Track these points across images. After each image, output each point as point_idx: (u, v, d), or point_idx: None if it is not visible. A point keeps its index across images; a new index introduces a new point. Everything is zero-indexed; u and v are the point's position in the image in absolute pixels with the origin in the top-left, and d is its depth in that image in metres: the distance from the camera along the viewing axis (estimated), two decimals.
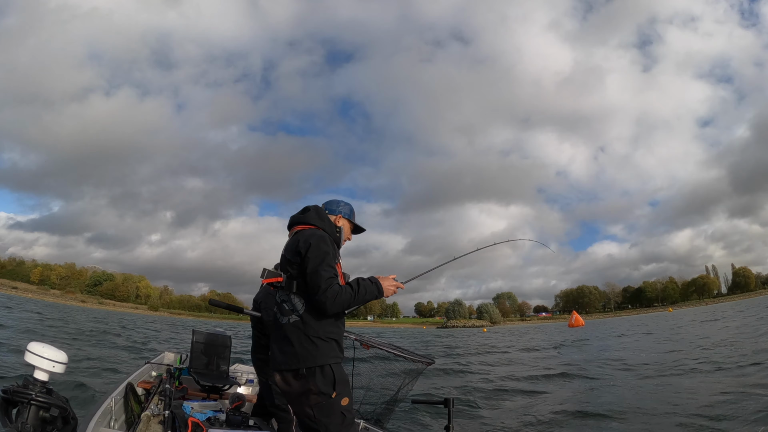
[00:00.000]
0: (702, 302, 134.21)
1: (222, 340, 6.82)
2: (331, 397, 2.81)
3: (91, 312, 72.39)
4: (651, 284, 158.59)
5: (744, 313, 46.65)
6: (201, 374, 6.15)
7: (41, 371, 2.70)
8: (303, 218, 3.25)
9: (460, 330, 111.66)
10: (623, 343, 26.80)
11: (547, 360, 20.05)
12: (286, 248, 3.17)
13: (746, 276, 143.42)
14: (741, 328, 27.25)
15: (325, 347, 2.89)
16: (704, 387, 10.25)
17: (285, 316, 3.00)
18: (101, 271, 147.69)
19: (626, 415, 8.36)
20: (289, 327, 2.94)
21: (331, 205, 3.45)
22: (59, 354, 2.76)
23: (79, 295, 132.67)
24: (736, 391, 9.30)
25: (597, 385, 12.17)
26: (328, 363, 2.87)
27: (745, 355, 14.36)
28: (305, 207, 3.34)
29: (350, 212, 3.50)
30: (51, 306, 71.46)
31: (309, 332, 2.89)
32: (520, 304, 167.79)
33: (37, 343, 2.75)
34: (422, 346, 31.26)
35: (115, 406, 4.53)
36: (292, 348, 2.88)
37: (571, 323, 62.03)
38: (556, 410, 9.16)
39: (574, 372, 14.47)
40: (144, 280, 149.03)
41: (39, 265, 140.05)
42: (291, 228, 3.30)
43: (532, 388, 12.08)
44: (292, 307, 2.97)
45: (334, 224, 3.35)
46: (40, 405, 2.60)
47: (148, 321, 60.41)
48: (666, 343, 23.84)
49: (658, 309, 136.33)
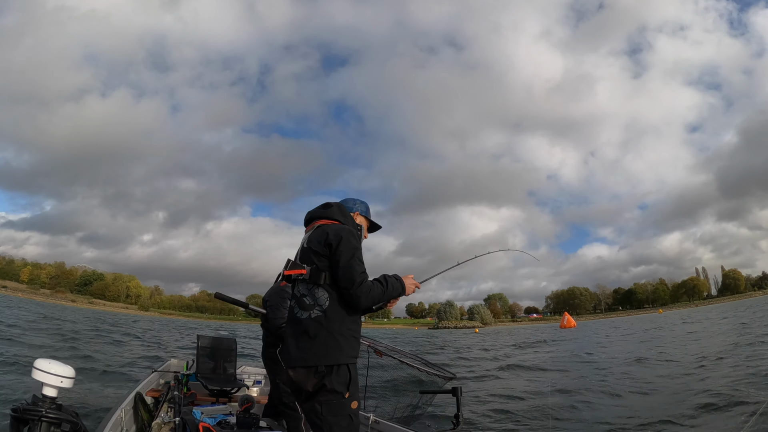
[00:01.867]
0: (692, 304, 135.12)
1: (227, 343, 6.84)
2: (343, 397, 2.71)
3: (82, 312, 71.77)
4: (641, 286, 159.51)
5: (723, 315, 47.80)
6: (208, 379, 6.17)
7: (50, 387, 2.68)
8: (325, 213, 3.14)
9: (453, 331, 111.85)
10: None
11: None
12: (312, 240, 3.01)
13: (736, 278, 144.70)
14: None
15: (347, 345, 2.79)
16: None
17: (305, 311, 2.85)
18: (91, 271, 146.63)
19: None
20: (310, 322, 2.80)
21: (348, 203, 3.37)
22: (66, 369, 2.75)
23: (69, 294, 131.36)
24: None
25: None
26: (346, 362, 2.77)
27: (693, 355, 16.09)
28: (326, 203, 3.23)
29: (367, 210, 3.44)
30: (40, 305, 70.84)
31: (332, 329, 2.77)
32: (511, 305, 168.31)
33: (43, 360, 2.73)
34: (432, 348, 31.35)
35: (125, 417, 4.56)
36: (313, 344, 2.75)
37: (563, 324, 62.25)
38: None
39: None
40: (134, 279, 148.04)
41: (29, 264, 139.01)
42: (310, 222, 3.18)
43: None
44: (314, 301, 2.84)
45: (354, 221, 3.26)
46: (51, 421, 2.59)
47: (138, 322, 60.05)
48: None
49: (648, 310, 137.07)
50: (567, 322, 62.98)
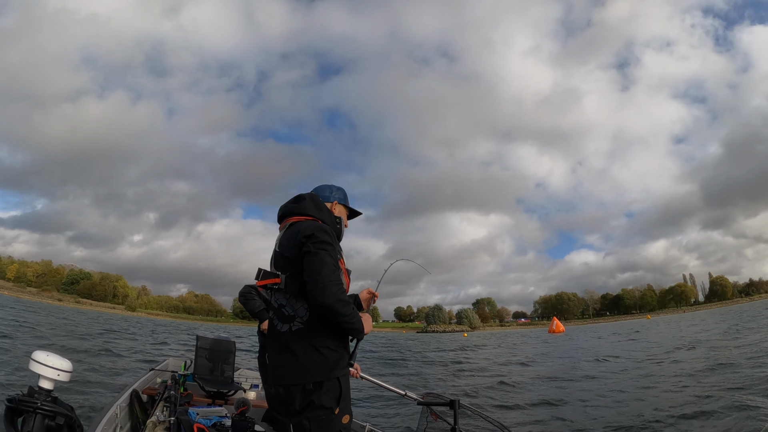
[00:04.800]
0: (679, 310, 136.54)
1: (226, 345, 6.80)
2: (333, 413, 2.49)
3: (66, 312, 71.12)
4: (629, 292, 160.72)
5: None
6: (206, 380, 6.13)
7: (46, 380, 2.63)
8: (297, 208, 2.82)
9: (442, 335, 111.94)
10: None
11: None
12: (282, 243, 2.73)
13: (723, 284, 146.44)
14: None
15: (335, 358, 2.54)
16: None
17: (285, 323, 2.60)
18: (78, 270, 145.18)
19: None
20: (291, 336, 2.56)
21: (323, 192, 3.02)
22: (63, 362, 2.69)
23: (55, 293, 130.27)
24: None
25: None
26: (337, 376, 2.54)
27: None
28: (298, 195, 2.90)
29: (344, 197, 3.10)
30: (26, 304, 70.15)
31: (316, 342, 2.52)
32: (500, 309, 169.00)
33: (41, 352, 2.68)
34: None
35: (120, 414, 4.51)
36: (297, 360, 2.51)
37: (552, 329, 62.57)
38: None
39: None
40: (122, 279, 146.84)
41: (15, 262, 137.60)
42: (283, 220, 2.88)
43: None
44: (294, 312, 2.58)
45: (332, 213, 2.94)
46: (46, 414, 2.54)
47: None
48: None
49: (636, 316, 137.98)
50: (556, 327, 63.34)
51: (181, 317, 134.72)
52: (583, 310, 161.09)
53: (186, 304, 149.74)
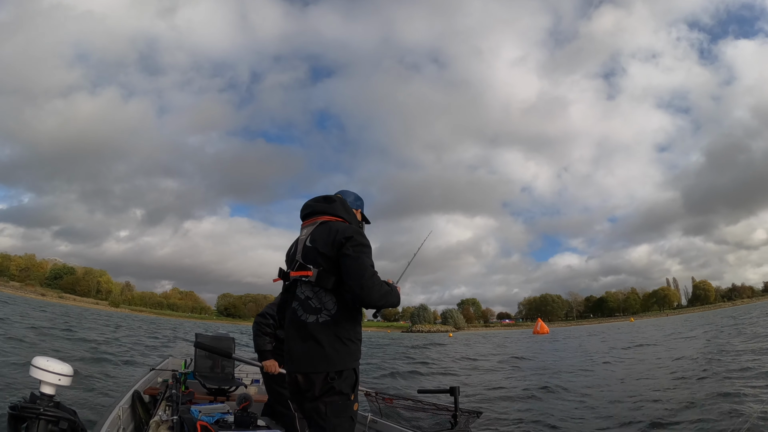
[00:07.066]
0: (663, 313, 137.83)
1: (225, 342, 6.74)
2: (349, 399, 2.68)
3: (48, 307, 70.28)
4: (613, 294, 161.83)
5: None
6: (206, 377, 6.11)
7: (48, 385, 2.68)
8: (329, 209, 2.93)
9: (428, 334, 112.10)
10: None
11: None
12: (317, 239, 2.83)
13: (706, 289, 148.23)
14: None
15: (355, 349, 2.74)
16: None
17: (312, 315, 2.72)
18: (62, 264, 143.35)
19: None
20: (318, 327, 2.68)
21: (348, 197, 3.19)
22: (64, 367, 2.74)
23: (38, 288, 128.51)
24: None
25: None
26: (354, 366, 2.74)
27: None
28: (327, 196, 3.01)
29: (363, 206, 3.34)
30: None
31: (341, 333, 2.69)
32: (484, 310, 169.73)
33: (41, 357, 2.72)
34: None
35: (123, 415, 4.52)
36: (323, 350, 2.64)
37: (536, 330, 63.05)
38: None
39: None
40: (105, 274, 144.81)
41: None
42: (310, 217, 2.97)
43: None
44: (322, 305, 2.71)
45: (357, 219, 3.11)
46: (49, 419, 2.59)
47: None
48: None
49: (619, 319, 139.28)
50: (540, 328, 63.90)
51: (165, 314, 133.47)
52: (567, 312, 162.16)
53: (170, 301, 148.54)
